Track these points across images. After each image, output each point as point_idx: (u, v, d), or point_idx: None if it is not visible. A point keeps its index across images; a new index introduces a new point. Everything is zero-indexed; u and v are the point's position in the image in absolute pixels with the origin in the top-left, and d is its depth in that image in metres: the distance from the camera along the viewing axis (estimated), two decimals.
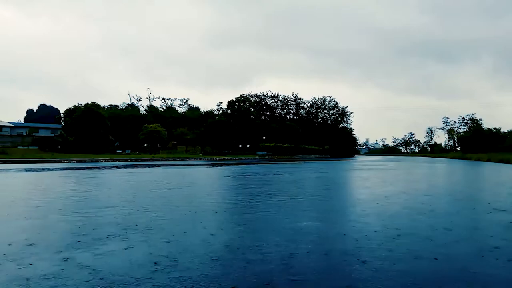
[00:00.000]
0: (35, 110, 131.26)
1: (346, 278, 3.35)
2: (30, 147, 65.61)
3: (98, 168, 24.62)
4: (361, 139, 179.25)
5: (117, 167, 25.58)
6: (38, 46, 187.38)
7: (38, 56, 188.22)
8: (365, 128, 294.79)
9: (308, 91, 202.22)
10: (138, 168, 24.99)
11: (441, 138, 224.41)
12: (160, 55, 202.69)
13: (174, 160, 45.96)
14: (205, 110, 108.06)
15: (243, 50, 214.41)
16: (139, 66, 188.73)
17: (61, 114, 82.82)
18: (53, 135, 76.80)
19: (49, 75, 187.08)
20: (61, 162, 34.53)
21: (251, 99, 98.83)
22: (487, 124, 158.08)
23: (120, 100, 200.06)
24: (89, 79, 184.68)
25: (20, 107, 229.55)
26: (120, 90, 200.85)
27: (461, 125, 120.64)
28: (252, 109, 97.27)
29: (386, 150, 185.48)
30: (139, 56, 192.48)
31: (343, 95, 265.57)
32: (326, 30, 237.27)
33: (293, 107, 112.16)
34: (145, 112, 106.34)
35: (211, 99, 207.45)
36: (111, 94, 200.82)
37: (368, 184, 13.69)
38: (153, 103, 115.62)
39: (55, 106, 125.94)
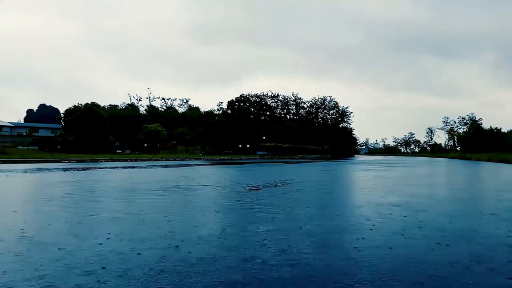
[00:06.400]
0: (35, 110, 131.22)
1: None
2: (30, 147, 65.50)
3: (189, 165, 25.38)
4: (361, 139, 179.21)
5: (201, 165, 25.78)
6: (35, 45, 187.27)
7: (36, 55, 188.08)
8: (365, 128, 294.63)
9: (304, 89, 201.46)
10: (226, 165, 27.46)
11: (441, 138, 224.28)
12: (156, 53, 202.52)
13: (174, 160, 45.94)
14: (205, 110, 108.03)
15: (231, 46, 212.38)
16: (132, 65, 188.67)
17: (61, 114, 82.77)
18: (53, 135, 76.70)
19: (49, 75, 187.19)
20: (60, 162, 34.51)
21: (251, 99, 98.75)
22: (487, 123, 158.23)
23: (119, 100, 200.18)
24: (87, 78, 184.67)
25: (20, 107, 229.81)
26: (116, 89, 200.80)
27: (461, 125, 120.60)
28: (252, 109, 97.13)
29: (386, 150, 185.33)
30: (132, 55, 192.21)
31: (340, 93, 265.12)
32: (319, 25, 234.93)
33: (293, 107, 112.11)
34: (145, 112, 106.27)
35: (203, 96, 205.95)
36: (111, 94, 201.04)
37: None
38: (153, 103, 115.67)
39: (55, 106, 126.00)
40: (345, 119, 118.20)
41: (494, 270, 3.71)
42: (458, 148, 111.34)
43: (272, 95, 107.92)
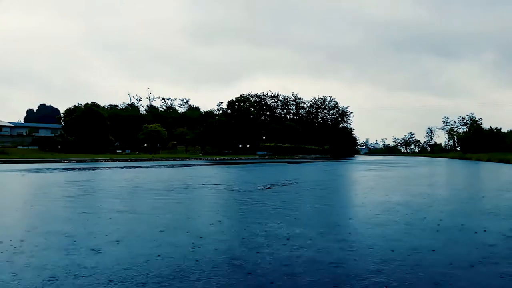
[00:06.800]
0: (35, 110, 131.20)
1: None
2: (30, 147, 65.50)
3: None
4: (361, 139, 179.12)
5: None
6: (35, 45, 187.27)
7: (37, 55, 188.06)
8: (365, 128, 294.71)
9: (304, 89, 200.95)
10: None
11: (441, 138, 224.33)
12: (156, 53, 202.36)
13: (174, 160, 45.94)
14: (205, 110, 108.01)
15: (231, 46, 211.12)
16: (132, 65, 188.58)
17: (61, 114, 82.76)
18: (53, 135, 76.74)
19: (49, 75, 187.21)
20: (61, 162, 34.52)
21: (251, 99, 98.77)
22: (487, 123, 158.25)
23: (119, 100, 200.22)
24: (87, 78, 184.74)
25: (20, 107, 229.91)
26: (116, 89, 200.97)
27: (461, 125, 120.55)
28: (252, 109, 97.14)
29: (386, 150, 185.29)
30: (132, 55, 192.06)
31: (340, 93, 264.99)
32: (319, 25, 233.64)
33: (293, 107, 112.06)
34: (145, 112, 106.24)
35: (203, 96, 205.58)
36: (111, 94, 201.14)
37: None
38: (153, 103, 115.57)
39: (55, 106, 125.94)
40: (345, 119, 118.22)
41: (495, 265, 3.78)
42: (458, 148, 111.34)
43: (272, 95, 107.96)
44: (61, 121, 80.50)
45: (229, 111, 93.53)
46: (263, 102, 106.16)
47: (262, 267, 3.73)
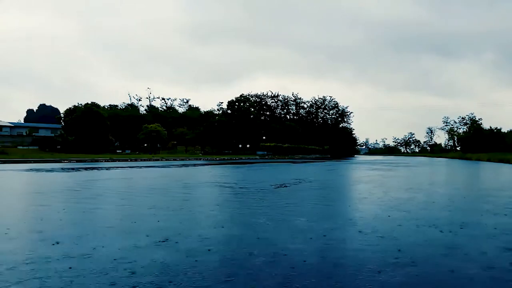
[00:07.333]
0: (35, 110, 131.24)
1: None
2: (30, 147, 65.51)
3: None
4: (361, 139, 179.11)
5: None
6: (35, 45, 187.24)
7: (36, 55, 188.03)
8: (365, 128, 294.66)
9: (304, 89, 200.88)
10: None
11: (441, 138, 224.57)
12: (156, 53, 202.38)
13: (175, 160, 45.95)
14: (205, 110, 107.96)
15: (231, 46, 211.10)
16: (132, 65, 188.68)
17: (61, 114, 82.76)
18: (53, 135, 76.72)
19: (49, 75, 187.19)
20: (60, 162, 34.52)
21: (251, 99, 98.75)
22: (487, 123, 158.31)
23: (119, 100, 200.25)
24: (87, 78, 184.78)
25: (20, 107, 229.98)
26: (116, 89, 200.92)
27: (461, 125, 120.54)
28: (252, 109, 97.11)
29: (386, 150, 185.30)
30: (132, 55, 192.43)
31: (340, 93, 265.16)
32: (319, 25, 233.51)
33: (293, 107, 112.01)
34: (145, 112, 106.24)
35: (203, 96, 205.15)
36: (111, 94, 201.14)
37: None
38: (153, 103, 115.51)
39: (55, 106, 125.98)
40: (345, 119, 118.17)
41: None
42: (458, 148, 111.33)
43: (272, 95, 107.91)
44: (61, 121, 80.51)
45: (229, 111, 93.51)
46: (263, 102, 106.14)
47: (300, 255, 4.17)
